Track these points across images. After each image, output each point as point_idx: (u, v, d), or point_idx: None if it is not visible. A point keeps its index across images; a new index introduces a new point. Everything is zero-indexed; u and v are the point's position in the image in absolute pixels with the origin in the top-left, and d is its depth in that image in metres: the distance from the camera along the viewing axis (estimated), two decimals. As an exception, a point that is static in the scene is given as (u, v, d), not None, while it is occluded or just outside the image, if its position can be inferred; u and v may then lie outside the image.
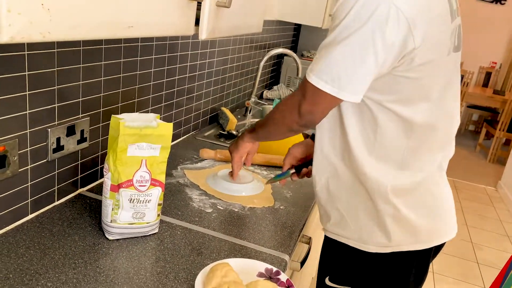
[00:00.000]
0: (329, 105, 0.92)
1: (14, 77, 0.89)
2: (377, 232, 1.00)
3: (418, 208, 1.00)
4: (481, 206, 4.01)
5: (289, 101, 0.99)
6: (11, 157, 0.93)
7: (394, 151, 0.96)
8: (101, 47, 1.12)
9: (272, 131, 1.09)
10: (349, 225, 1.04)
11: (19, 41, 0.52)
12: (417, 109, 0.93)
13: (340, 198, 1.04)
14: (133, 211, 0.98)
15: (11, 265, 0.86)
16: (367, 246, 1.02)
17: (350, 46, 0.83)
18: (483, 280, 2.84)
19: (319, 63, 0.87)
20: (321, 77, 0.86)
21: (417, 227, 1.00)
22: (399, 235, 1.00)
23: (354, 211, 1.02)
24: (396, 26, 0.81)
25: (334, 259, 1.11)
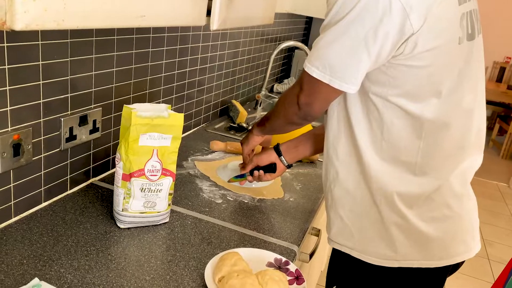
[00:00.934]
0: (326, 96, 0.89)
1: (28, 67, 0.91)
2: (381, 243, 0.93)
3: (431, 221, 0.91)
4: (493, 203, 3.97)
5: (288, 93, 0.97)
6: (25, 145, 0.94)
7: (405, 153, 0.89)
8: (113, 37, 1.13)
9: (276, 125, 1.09)
10: (352, 235, 0.97)
11: (33, 28, 0.53)
12: (427, 104, 0.85)
13: (343, 205, 0.98)
14: (144, 200, 0.99)
15: (25, 251, 0.88)
16: (370, 258, 0.95)
17: (339, 32, 0.80)
18: (493, 276, 2.81)
19: (313, 51, 0.85)
20: (314, 65, 0.84)
21: (429, 241, 0.91)
22: (406, 247, 0.92)
23: (358, 219, 0.96)
24: (388, 11, 0.77)
25: (340, 269, 1.06)
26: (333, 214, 1.01)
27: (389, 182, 0.90)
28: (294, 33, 2.80)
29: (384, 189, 0.91)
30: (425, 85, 0.85)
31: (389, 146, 0.89)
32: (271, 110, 1.10)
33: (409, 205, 0.90)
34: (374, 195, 0.92)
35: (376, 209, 0.93)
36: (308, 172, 1.50)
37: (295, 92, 0.92)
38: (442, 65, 0.84)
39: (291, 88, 0.97)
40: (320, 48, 0.84)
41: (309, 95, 0.90)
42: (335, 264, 1.08)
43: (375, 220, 0.94)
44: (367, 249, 0.95)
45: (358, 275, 1.00)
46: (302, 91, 0.90)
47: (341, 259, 1.03)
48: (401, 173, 0.90)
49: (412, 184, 0.90)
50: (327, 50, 0.82)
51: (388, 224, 0.92)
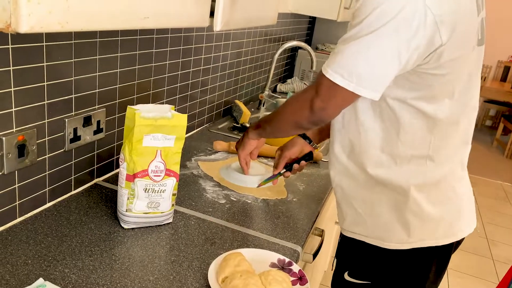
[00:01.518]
0: (344, 102, 0.90)
1: (33, 68, 0.91)
2: (397, 229, 0.98)
3: (439, 204, 0.98)
4: (497, 202, 3.96)
5: (300, 97, 0.96)
6: (30, 146, 0.95)
7: (418, 148, 0.94)
8: (117, 39, 1.13)
9: (280, 128, 1.07)
10: (366, 223, 1.02)
11: (38, 30, 0.53)
12: (441, 105, 0.90)
13: (355, 197, 1.03)
14: (148, 201, 0.99)
15: (29, 252, 0.88)
16: (387, 244, 1.00)
17: (373, 43, 0.81)
18: (498, 276, 2.80)
19: (337, 58, 0.85)
20: (338, 72, 0.84)
21: (438, 222, 0.98)
22: (419, 230, 0.98)
23: (371, 209, 1.01)
24: (422, 25, 0.79)
25: (353, 255, 1.10)
26: (345, 205, 1.06)
27: (405, 176, 0.95)
28: (297, 33, 2.80)
29: (400, 183, 0.96)
30: (442, 88, 0.89)
31: (405, 145, 0.93)
32: (274, 113, 1.09)
33: (422, 193, 0.96)
34: (389, 188, 0.97)
35: (390, 200, 0.98)
36: (311, 172, 1.51)
37: (308, 96, 0.91)
38: (459, 71, 0.89)
39: (302, 92, 0.96)
40: (348, 57, 0.83)
41: (326, 101, 0.89)
42: (347, 251, 1.12)
43: (389, 209, 0.99)
44: (382, 236, 1.00)
45: (372, 259, 1.05)
46: (318, 96, 0.89)
47: (353, 246, 1.07)
48: (416, 166, 0.95)
49: (425, 173, 0.96)
50: (356, 59, 0.83)
51: (402, 211, 0.97)
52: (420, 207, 0.96)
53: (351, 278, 1.09)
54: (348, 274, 1.10)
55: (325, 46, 2.92)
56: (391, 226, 0.99)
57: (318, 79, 0.89)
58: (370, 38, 0.81)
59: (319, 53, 2.80)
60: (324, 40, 3.09)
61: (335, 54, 0.85)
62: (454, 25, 0.82)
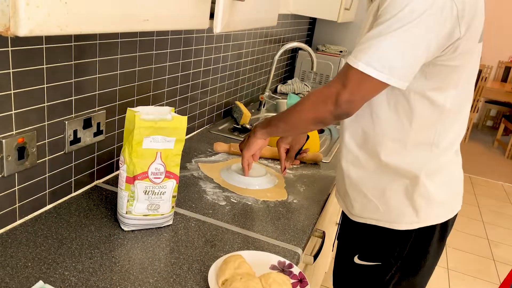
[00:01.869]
0: (371, 94, 0.94)
1: (32, 71, 0.91)
2: (407, 212, 1.06)
3: (443, 186, 1.07)
4: (498, 203, 3.95)
5: (322, 92, 0.98)
6: (30, 148, 0.95)
7: (427, 136, 1.01)
8: (117, 40, 1.13)
9: (297, 125, 1.07)
10: (378, 208, 1.08)
11: (37, 34, 0.53)
12: (448, 95, 0.97)
13: (366, 184, 1.09)
14: (148, 203, 0.99)
15: (29, 254, 0.88)
16: (397, 225, 1.07)
17: (405, 36, 0.86)
18: (499, 277, 2.80)
19: (368, 52, 0.88)
20: (371, 64, 0.87)
21: (442, 203, 1.07)
22: (426, 211, 1.06)
23: (382, 195, 1.07)
24: (449, 18, 0.85)
25: (363, 239, 1.15)
26: (354, 192, 1.12)
27: (413, 164, 1.02)
28: (298, 34, 2.80)
29: (411, 169, 1.03)
30: (450, 79, 0.96)
31: (415, 133, 1.00)
32: (288, 111, 1.09)
33: (430, 177, 1.04)
34: (400, 174, 1.04)
35: (400, 185, 1.05)
36: (311, 173, 1.50)
37: (333, 91, 0.94)
38: (466, 63, 0.96)
39: (325, 87, 0.98)
40: (381, 50, 0.87)
41: (354, 93, 0.93)
42: (357, 235, 1.17)
43: (400, 194, 1.05)
44: (393, 219, 1.07)
45: (382, 240, 1.11)
46: (345, 89, 0.92)
47: (363, 230, 1.13)
48: (423, 153, 1.02)
49: (432, 161, 1.03)
50: (389, 52, 0.87)
51: (412, 195, 1.05)
52: (428, 190, 1.04)
53: (361, 261, 1.15)
54: (358, 257, 1.16)
55: (326, 47, 2.92)
56: (402, 209, 1.06)
57: (345, 73, 0.92)
58: (402, 32, 0.86)
59: (320, 54, 2.80)
60: (325, 41, 3.09)
61: (366, 48, 0.89)
62: (471, 20, 0.88)
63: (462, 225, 3.43)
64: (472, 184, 4.26)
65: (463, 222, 3.49)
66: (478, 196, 4.02)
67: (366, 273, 1.15)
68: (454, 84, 0.97)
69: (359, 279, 1.17)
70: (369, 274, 1.14)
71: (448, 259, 2.93)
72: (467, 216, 3.60)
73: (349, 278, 1.21)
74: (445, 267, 2.83)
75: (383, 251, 1.11)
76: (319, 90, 1.00)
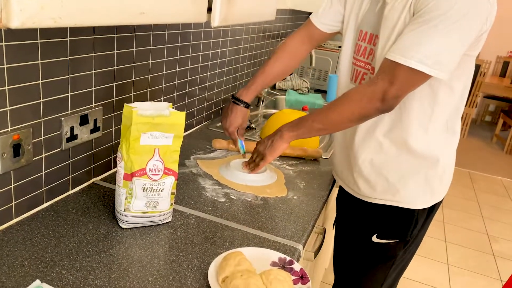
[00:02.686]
0: (417, 87, 1.00)
1: (27, 66, 0.89)
2: (425, 192, 1.15)
3: (451, 168, 1.18)
4: (497, 198, 3.95)
5: (367, 90, 1.01)
6: (25, 145, 0.93)
7: (445, 122, 1.09)
8: (113, 35, 1.12)
9: (338, 123, 1.08)
10: (398, 191, 1.14)
11: (30, 26, 0.52)
12: (462, 81, 1.05)
13: (388, 169, 1.14)
14: (146, 200, 0.98)
15: (26, 253, 0.87)
16: (416, 205, 1.15)
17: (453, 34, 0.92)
18: (499, 272, 2.80)
19: (420, 49, 0.92)
20: (424, 62, 0.92)
21: (448, 182, 1.19)
22: (438, 191, 1.17)
23: (403, 179, 1.13)
24: (486, 14, 0.94)
25: (382, 219, 1.20)
26: (375, 177, 1.17)
27: (434, 149, 1.10)
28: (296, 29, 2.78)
29: (430, 155, 1.10)
30: (466, 66, 1.03)
31: (437, 120, 1.07)
32: (324, 111, 1.08)
33: (445, 160, 1.13)
34: (420, 158, 1.11)
35: (421, 169, 1.12)
36: (311, 169, 1.49)
37: (379, 89, 0.98)
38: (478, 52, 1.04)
39: (369, 85, 1.00)
40: (433, 46, 0.92)
41: (403, 89, 0.98)
42: (375, 216, 1.20)
43: (420, 177, 1.13)
44: (412, 200, 1.15)
45: (400, 219, 1.18)
46: (393, 86, 0.96)
47: (382, 211, 1.18)
48: (442, 138, 1.11)
49: (447, 144, 1.13)
50: (440, 48, 0.92)
51: (430, 178, 1.13)
52: (444, 171, 1.14)
53: (380, 239, 1.20)
54: (376, 237, 1.20)
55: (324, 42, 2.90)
56: (420, 191, 1.14)
57: (392, 71, 0.96)
58: (450, 30, 0.91)
59: (318, 49, 2.78)
60: (323, 36, 3.07)
61: (416, 46, 0.93)
62: (494, 14, 0.96)
63: (461, 220, 3.43)
64: (471, 179, 4.25)
65: (463, 217, 3.48)
66: (477, 191, 4.02)
67: (383, 250, 1.21)
68: (468, 71, 1.05)
69: (375, 257, 1.24)
70: (386, 251, 1.21)
71: (448, 255, 2.93)
72: (466, 211, 3.60)
73: (364, 258, 1.26)
74: (445, 263, 2.83)
75: (400, 229, 1.19)
76: (360, 89, 1.03)
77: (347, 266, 1.33)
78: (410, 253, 1.27)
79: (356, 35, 1.15)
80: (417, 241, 1.25)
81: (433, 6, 0.92)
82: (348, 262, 1.33)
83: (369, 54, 1.11)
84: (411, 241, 1.21)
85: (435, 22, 0.91)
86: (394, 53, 0.96)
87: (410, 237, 1.19)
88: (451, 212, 3.53)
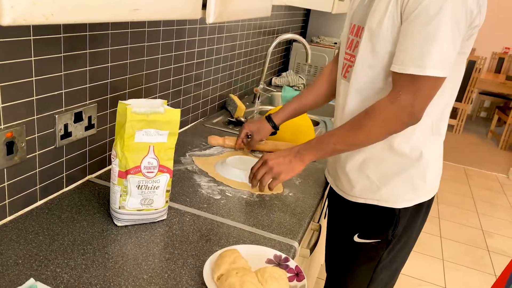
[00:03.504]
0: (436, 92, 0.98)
1: (20, 63, 0.88)
2: (407, 192, 1.12)
3: (436, 166, 1.14)
4: (492, 194, 3.97)
5: (391, 108, 0.97)
6: (19, 143, 0.92)
7: (433, 121, 1.07)
8: (107, 32, 1.11)
9: (364, 143, 1.05)
10: (380, 189, 1.12)
11: (21, 23, 0.51)
12: (453, 82, 1.04)
13: (369, 167, 1.12)
14: (141, 198, 0.97)
15: (20, 251, 0.86)
16: (398, 204, 1.12)
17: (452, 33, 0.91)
18: (493, 268, 2.82)
19: (433, 57, 0.90)
20: (440, 68, 0.92)
21: (432, 180, 1.14)
22: (422, 189, 1.13)
23: (385, 177, 1.11)
24: (475, 8, 0.93)
25: (363, 218, 1.18)
26: (356, 175, 1.14)
27: (419, 148, 1.07)
28: (292, 26, 2.78)
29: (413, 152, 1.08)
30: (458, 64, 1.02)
31: (426, 119, 1.02)
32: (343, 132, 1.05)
33: (429, 159, 1.10)
34: (402, 156, 1.08)
35: (404, 168, 1.09)
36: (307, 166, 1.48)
37: (404, 104, 0.95)
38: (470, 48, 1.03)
39: (391, 104, 0.97)
40: (443, 50, 0.91)
41: (427, 99, 0.96)
42: (357, 216, 1.19)
43: (402, 176, 1.10)
44: (394, 199, 1.12)
45: (382, 219, 1.15)
46: (417, 99, 0.95)
47: (363, 210, 1.16)
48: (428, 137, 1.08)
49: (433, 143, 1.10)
50: (447, 51, 0.92)
51: (413, 177, 1.10)
52: (426, 170, 1.10)
53: (361, 239, 1.18)
54: (358, 236, 1.18)
55: (320, 38, 2.90)
56: (403, 190, 1.11)
57: (412, 83, 0.94)
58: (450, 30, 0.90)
59: (314, 45, 2.77)
60: (319, 32, 3.07)
61: (427, 54, 0.90)
62: (484, 10, 0.96)
63: (456, 216, 3.45)
64: (466, 175, 4.27)
65: (458, 213, 3.50)
66: (472, 187, 4.04)
67: (366, 250, 1.19)
68: (460, 71, 1.04)
69: (358, 256, 1.21)
70: (368, 251, 1.19)
71: (443, 250, 2.94)
72: (461, 207, 3.62)
73: (347, 257, 1.24)
74: (440, 258, 2.84)
75: (382, 228, 1.16)
76: (383, 107, 0.98)
77: (335, 264, 1.33)
78: (401, 253, 1.21)
79: (349, 29, 1.14)
80: (406, 240, 1.19)
81: (424, 8, 0.90)
82: (335, 260, 1.32)
83: (355, 46, 1.09)
84: (395, 240, 1.16)
85: (435, 23, 0.90)
86: (406, 65, 0.93)
87: (393, 237, 1.15)
88: (446, 208, 3.55)
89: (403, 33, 0.95)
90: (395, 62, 0.96)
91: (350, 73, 1.11)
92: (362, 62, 1.05)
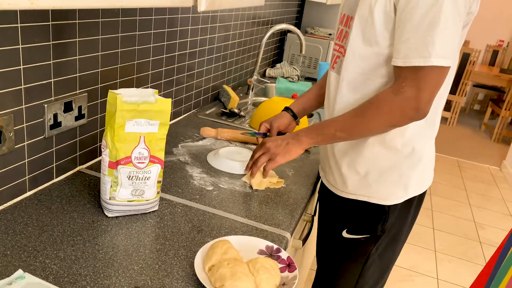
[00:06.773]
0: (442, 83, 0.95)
1: (7, 51, 0.87)
2: (399, 189, 1.09)
3: (429, 161, 1.11)
4: (485, 186, 4.00)
5: (395, 100, 0.94)
6: (7, 133, 0.91)
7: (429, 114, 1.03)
8: (98, 20, 1.09)
9: (365, 133, 1.03)
10: (371, 186, 1.10)
11: (5, 8, 0.49)
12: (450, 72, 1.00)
13: (360, 163, 1.09)
14: (132, 188, 0.96)
15: (9, 242, 0.85)
16: (388, 201, 1.10)
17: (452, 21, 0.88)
18: (485, 259, 2.84)
19: (436, 46, 0.87)
20: (444, 56, 0.88)
21: (422, 175, 1.12)
22: (413, 185, 1.10)
23: (376, 173, 1.08)
24: None
25: (352, 214, 1.16)
26: (347, 172, 1.12)
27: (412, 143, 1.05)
28: (287, 16, 2.76)
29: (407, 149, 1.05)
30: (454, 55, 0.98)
31: None
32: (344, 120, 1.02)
33: (423, 154, 1.07)
34: (393, 152, 1.05)
35: (396, 165, 1.07)
36: (300, 158, 1.48)
37: (410, 96, 0.92)
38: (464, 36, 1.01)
39: (394, 95, 0.94)
40: (446, 38, 0.88)
41: (433, 91, 0.93)
42: (346, 211, 1.17)
43: (395, 173, 1.07)
44: (385, 196, 1.10)
45: (371, 215, 1.13)
46: (423, 91, 0.91)
47: (353, 206, 1.14)
48: (422, 132, 1.05)
49: (427, 138, 1.07)
50: (450, 38, 0.89)
51: (406, 174, 1.07)
52: (418, 165, 1.08)
53: (350, 235, 1.16)
54: (346, 232, 1.16)
55: (315, 29, 2.88)
56: (394, 187, 1.09)
57: (416, 74, 0.91)
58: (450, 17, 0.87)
59: (309, 36, 2.76)
60: (314, 23, 3.05)
61: (430, 43, 0.87)
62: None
63: (449, 208, 3.47)
64: (459, 167, 4.29)
65: (451, 205, 3.52)
66: (465, 179, 4.06)
67: (354, 246, 1.17)
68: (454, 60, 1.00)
69: (347, 252, 1.19)
70: (356, 246, 1.17)
71: (435, 241, 2.96)
72: (454, 199, 3.64)
73: (336, 252, 1.22)
74: (433, 249, 2.86)
75: (371, 224, 1.14)
76: (387, 98, 0.95)
77: (325, 258, 1.31)
78: (391, 248, 1.18)
79: (339, 20, 1.12)
80: (396, 235, 1.16)
81: None
82: (325, 253, 1.31)
83: (344, 37, 1.06)
84: (384, 236, 1.14)
85: (436, 10, 0.86)
86: (410, 58, 0.90)
87: (382, 232, 1.13)
88: (439, 200, 3.57)
89: (401, 23, 0.91)
90: (397, 55, 0.92)
91: (338, 64, 1.08)
92: (353, 53, 1.02)
